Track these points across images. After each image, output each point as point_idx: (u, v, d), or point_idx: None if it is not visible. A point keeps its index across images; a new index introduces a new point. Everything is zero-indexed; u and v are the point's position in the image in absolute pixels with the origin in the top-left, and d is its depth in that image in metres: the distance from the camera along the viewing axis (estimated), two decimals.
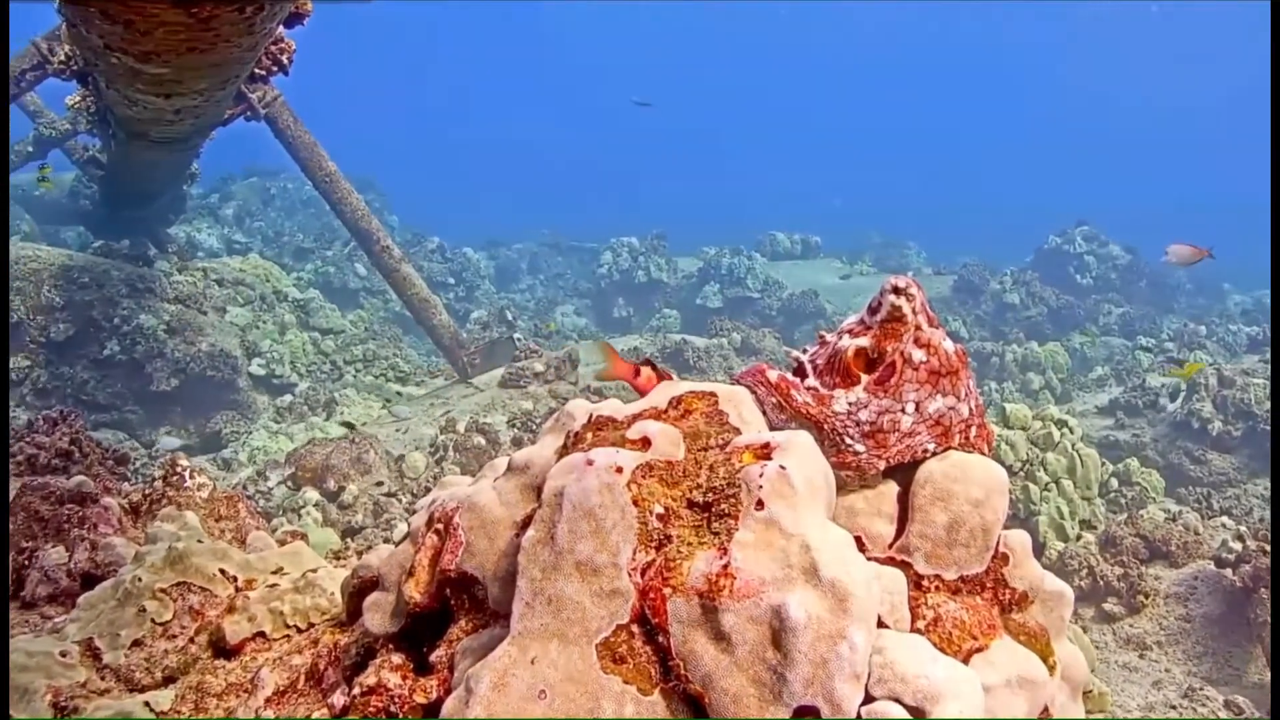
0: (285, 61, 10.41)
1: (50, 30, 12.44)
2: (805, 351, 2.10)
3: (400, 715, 1.92)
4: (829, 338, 2.05)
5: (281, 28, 9.10)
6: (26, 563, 4.34)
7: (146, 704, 2.61)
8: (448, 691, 1.78)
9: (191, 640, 2.87)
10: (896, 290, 1.94)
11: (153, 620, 2.90)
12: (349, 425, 13.45)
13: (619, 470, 1.71)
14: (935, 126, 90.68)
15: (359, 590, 2.37)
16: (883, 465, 1.93)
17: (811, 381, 2.00)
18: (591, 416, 2.00)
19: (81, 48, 7.53)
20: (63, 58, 11.55)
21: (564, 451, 1.94)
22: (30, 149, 17.71)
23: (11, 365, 14.67)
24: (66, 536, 4.43)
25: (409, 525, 2.32)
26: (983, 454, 1.99)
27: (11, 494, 5.04)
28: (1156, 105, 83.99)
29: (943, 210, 64.38)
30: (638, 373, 2.71)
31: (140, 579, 2.98)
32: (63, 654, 2.78)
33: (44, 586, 4.29)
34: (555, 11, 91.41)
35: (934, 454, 1.97)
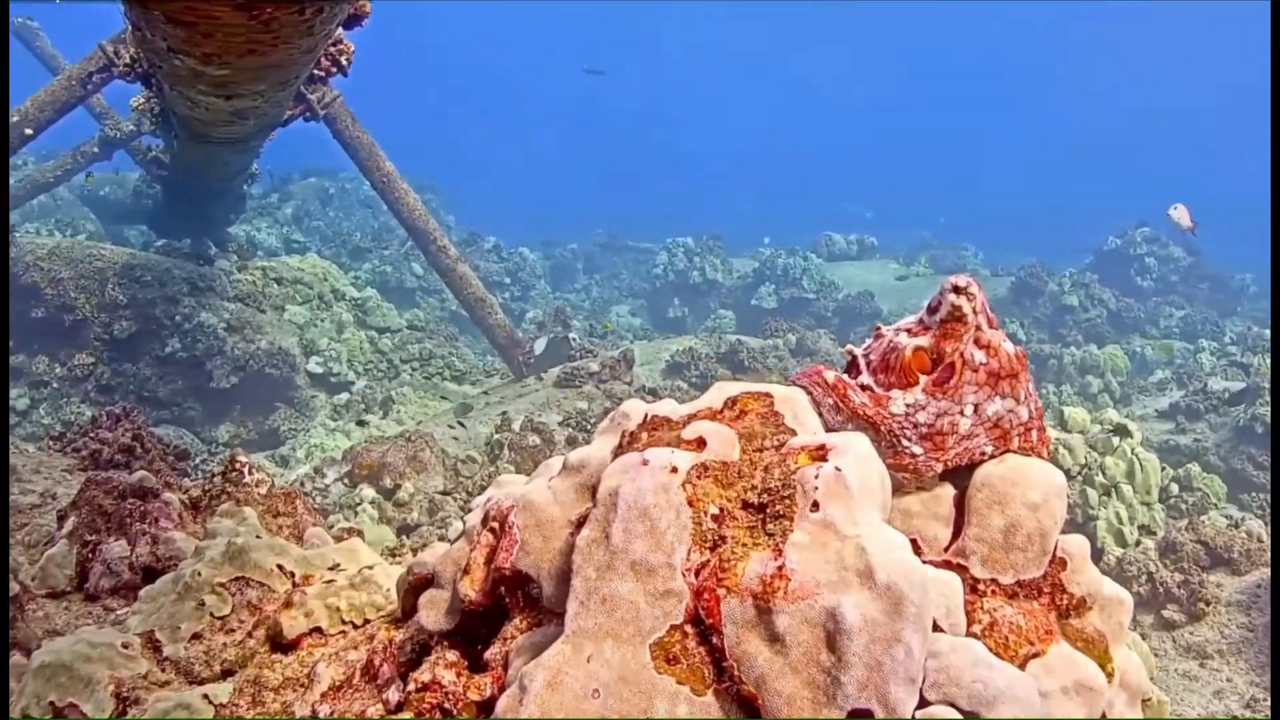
0: (344, 63, 10.50)
1: (116, 34, 12.64)
2: (861, 346, 2.09)
3: (454, 712, 1.93)
4: (886, 332, 2.03)
5: (340, 29, 9.17)
6: (90, 555, 4.40)
7: (205, 696, 2.64)
8: (502, 689, 1.79)
9: (249, 634, 2.90)
10: (957, 289, 1.91)
11: (212, 614, 2.93)
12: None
13: (674, 470, 1.70)
14: (997, 127, 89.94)
15: (414, 587, 2.38)
16: (940, 468, 1.92)
17: (865, 378, 1.98)
18: (647, 416, 2.00)
19: (145, 50, 7.63)
20: (128, 60, 11.72)
21: (619, 451, 1.94)
22: (96, 149, 17.99)
23: (76, 362, 14.90)
24: (128, 530, 4.49)
25: (464, 523, 2.33)
26: (1041, 458, 1.97)
27: (75, 488, 5.12)
28: (1222, 103, 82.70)
29: (1002, 212, 63.82)
30: None
31: (200, 573, 3.01)
32: (125, 645, 2.81)
33: (107, 579, 4.35)
34: (614, 11, 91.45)
35: (992, 457, 1.95)
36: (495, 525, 2.06)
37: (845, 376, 2.01)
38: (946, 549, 1.89)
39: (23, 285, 15.13)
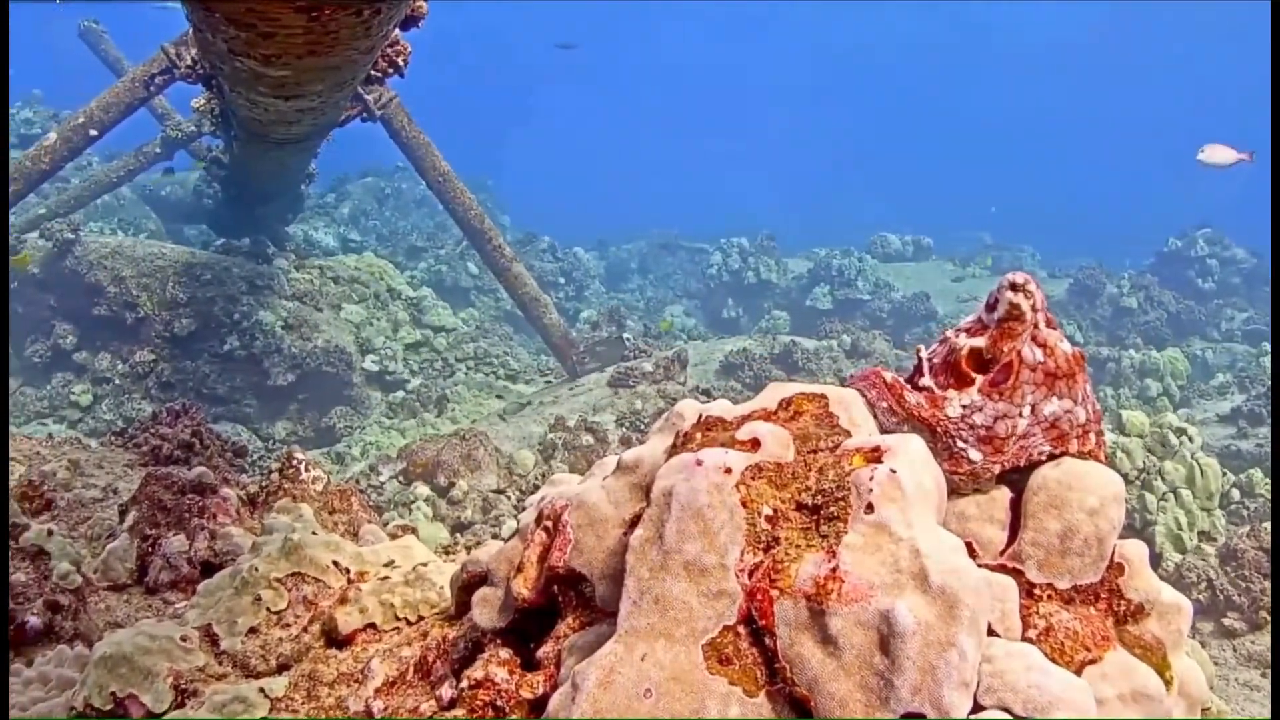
0: (401, 64, 10.57)
1: (178, 36, 12.81)
2: (928, 347, 2.08)
3: (507, 710, 1.94)
4: (949, 335, 2.02)
5: (398, 30, 9.24)
6: (150, 550, 4.47)
7: (261, 690, 2.67)
8: (554, 687, 1.79)
9: (305, 629, 2.92)
10: (1015, 287, 1.89)
11: (268, 609, 2.96)
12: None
13: (728, 471, 1.70)
14: (1056, 127, 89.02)
15: (468, 585, 2.39)
16: (997, 469, 1.90)
17: (926, 381, 1.97)
18: (701, 417, 2.00)
19: (207, 52, 7.73)
20: (189, 62, 11.89)
21: (673, 451, 1.94)
22: (158, 150, 18.24)
23: (138, 359, 15.12)
24: (187, 525, 4.55)
25: (518, 522, 2.34)
26: (1100, 460, 1.95)
27: (136, 483, 5.19)
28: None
29: (1060, 213, 63.15)
30: None
31: (257, 568, 3.05)
32: (183, 639, 2.85)
33: (166, 573, 4.41)
34: (667, 12, 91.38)
35: (1049, 458, 1.93)
36: (549, 524, 2.07)
37: (900, 378, 2.00)
38: (1002, 552, 1.87)
39: (87, 283, 15.39)
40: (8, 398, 4.46)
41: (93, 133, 13.69)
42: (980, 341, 1.91)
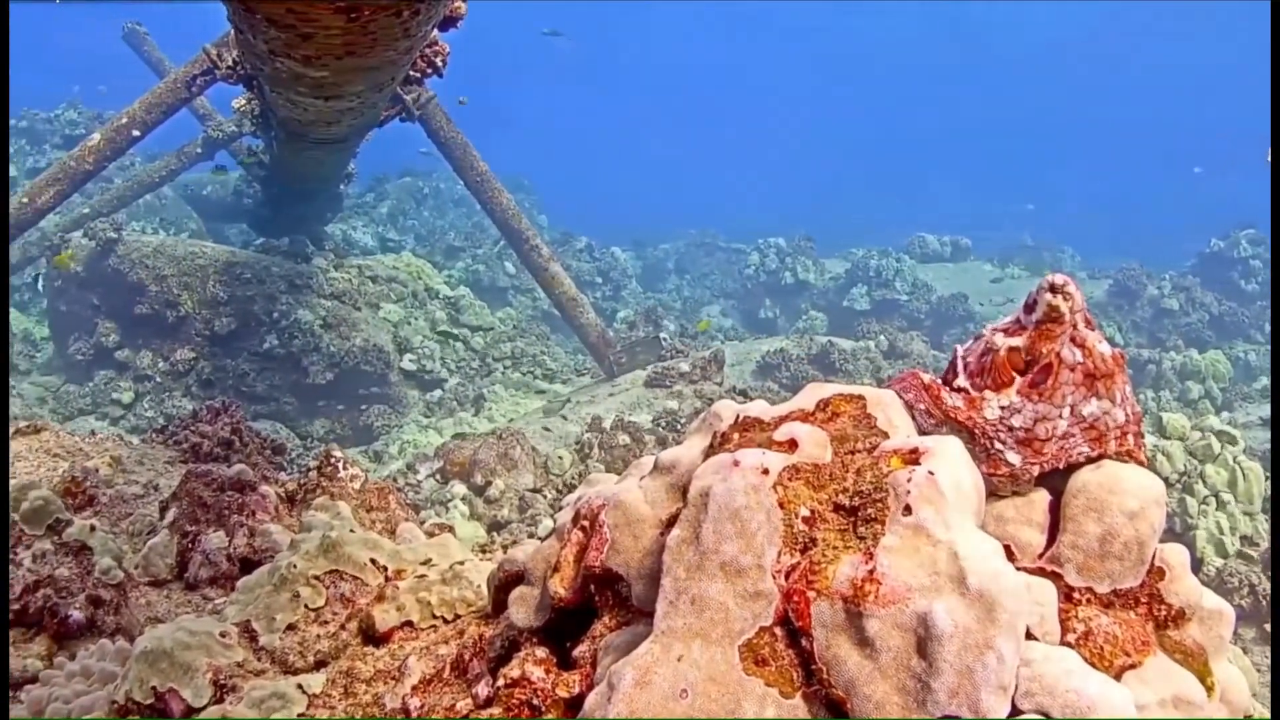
0: (440, 64, 10.62)
1: (219, 37, 12.91)
2: (963, 346, 2.06)
3: (543, 709, 1.94)
4: (985, 333, 2.01)
5: (436, 31, 9.28)
6: (190, 546, 4.51)
7: (299, 686, 2.69)
8: (590, 687, 1.80)
9: (342, 627, 2.94)
10: (1054, 289, 1.88)
11: (306, 606, 2.98)
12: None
13: (765, 472, 1.70)
14: (1097, 126, 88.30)
15: (504, 584, 2.40)
16: (1036, 471, 1.89)
17: (962, 381, 1.96)
18: (738, 417, 1.99)
19: (247, 53, 7.79)
20: (230, 63, 11.99)
21: (710, 452, 1.94)
22: (199, 150, 18.41)
23: (178, 357, 15.26)
24: (227, 522, 4.58)
25: (555, 521, 2.34)
26: (1139, 463, 1.93)
27: (177, 479, 5.24)
28: None
29: (1101, 214, 62.63)
30: None
31: (295, 565, 3.07)
32: (222, 634, 2.88)
33: (205, 569, 4.45)
34: (705, 12, 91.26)
35: (1088, 460, 1.91)
36: (586, 524, 2.08)
37: (939, 379, 1.99)
38: (1041, 555, 1.86)
39: (129, 282, 15.54)
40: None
41: (135, 133, 13.83)
42: (1018, 342, 1.90)
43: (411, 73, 10.53)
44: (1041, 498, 1.91)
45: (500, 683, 2.04)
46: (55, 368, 17.07)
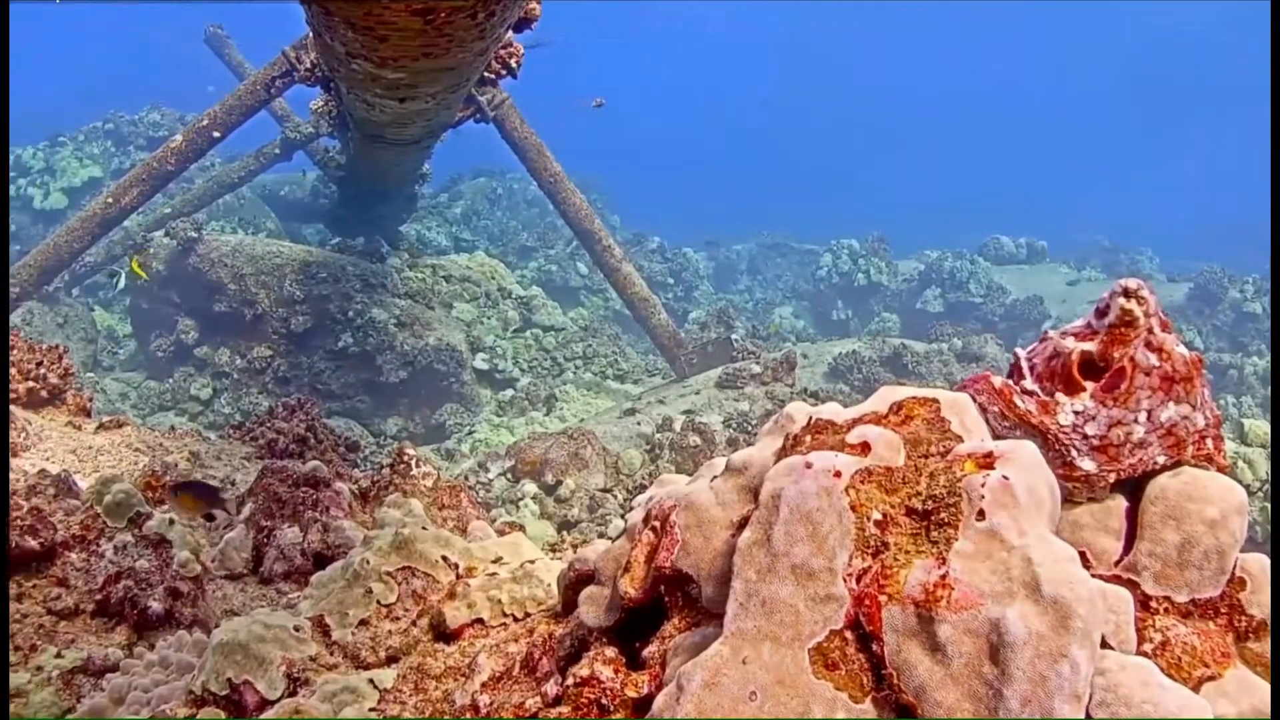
0: (514, 65, 10.69)
1: (297, 40, 13.10)
2: (1025, 348, 2.04)
3: (611, 708, 1.95)
4: (1051, 336, 1.98)
5: (510, 32, 9.33)
6: (265, 540, 4.57)
7: (371, 681, 2.71)
8: (659, 687, 1.80)
9: (414, 623, 2.97)
10: (1127, 293, 1.85)
11: (378, 602, 3.01)
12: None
13: (837, 474, 1.69)
14: (1176, 127, 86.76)
15: (574, 583, 2.41)
16: (1112, 479, 1.86)
17: (1029, 384, 1.93)
18: (811, 419, 1.98)
19: (325, 56, 7.89)
20: (308, 65, 12.15)
21: (782, 454, 1.94)
22: (277, 151, 18.66)
23: (255, 354, 15.49)
24: (301, 518, 4.64)
25: (625, 521, 2.35)
26: (1220, 469, 1.89)
27: (253, 474, 5.32)
28: None
29: (1181, 215, 61.53)
30: None
31: (368, 562, 3.10)
32: (296, 628, 2.91)
33: (280, 564, 4.51)
34: (782, 11, 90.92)
35: (1166, 467, 1.88)
36: (656, 524, 2.08)
37: (1011, 383, 1.97)
38: (1117, 563, 1.83)
39: (208, 281, 15.81)
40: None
41: (216, 134, 14.05)
42: (1090, 346, 1.87)
43: (486, 74, 10.61)
44: (1118, 504, 1.88)
45: (569, 681, 2.05)
46: (137, 364, 17.42)
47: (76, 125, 26.08)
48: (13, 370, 5.89)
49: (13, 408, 5.85)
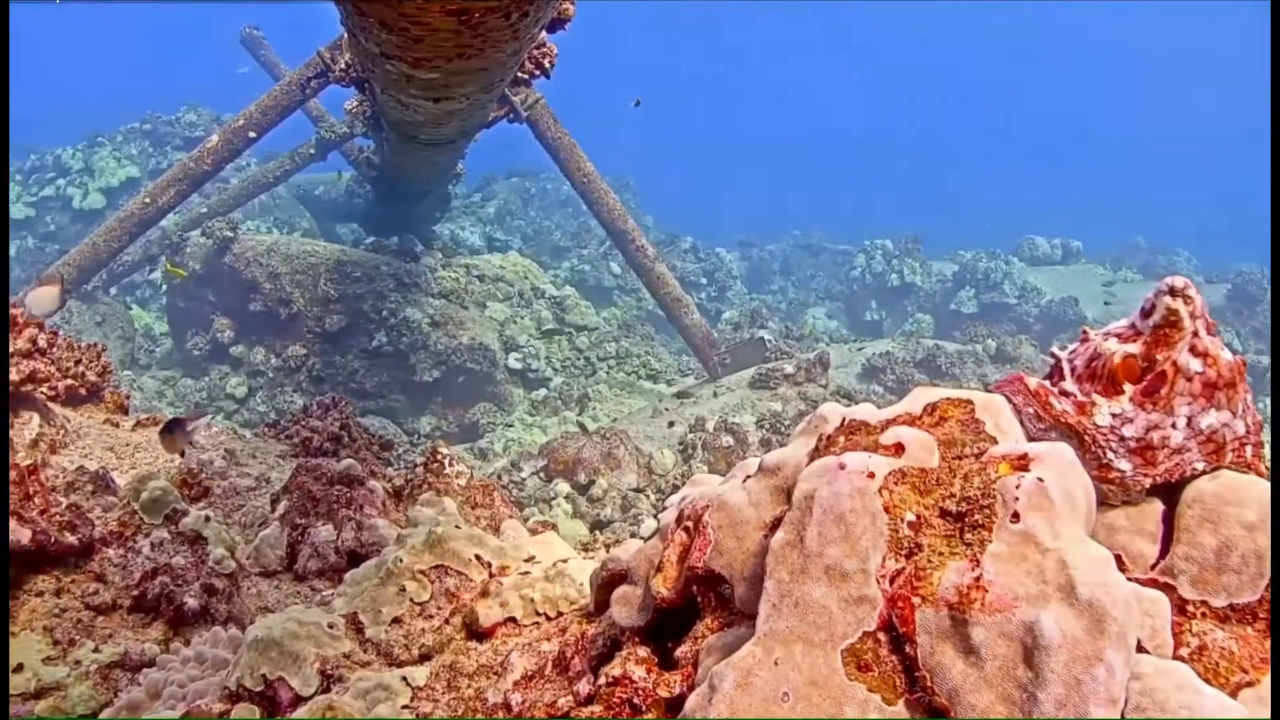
0: (547, 65, 10.70)
1: (332, 41, 13.17)
2: (1065, 349, 2.02)
3: (643, 708, 1.95)
4: (1093, 336, 1.96)
5: (544, 32, 9.35)
6: (299, 538, 4.60)
7: (404, 678, 2.73)
8: (691, 687, 1.80)
9: (447, 621, 2.98)
10: (1173, 292, 1.83)
11: (411, 600, 3.03)
12: (582, 426, 13.70)
13: (871, 475, 1.69)
14: (1214, 127, 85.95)
15: (607, 583, 2.41)
16: (1148, 483, 1.84)
17: (1069, 385, 1.92)
18: (844, 420, 1.98)
19: (360, 56, 7.93)
20: (343, 66, 12.21)
21: (815, 455, 1.93)
22: (312, 151, 18.76)
23: (290, 353, 15.59)
24: (335, 516, 4.67)
25: (658, 521, 2.35)
26: (1260, 475, 1.87)
27: (287, 473, 5.35)
28: None
29: (1220, 216, 60.95)
30: None
31: (401, 560, 3.11)
32: (330, 626, 2.93)
33: (314, 561, 4.54)
34: (813, 11, 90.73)
35: (1203, 473, 1.86)
36: (689, 524, 2.08)
37: (1048, 384, 1.96)
38: (1153, 567, 1.82)
39: (244, 280, 15.92)
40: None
41: (252, 134, 14.15)
42: (1134, 348, 1.85)
43: (520, 74, 10.63)
44: (1154, 508, 1.87)
45: (602, 681, 2.05)
46: (173, 362, 17.56)
47: (115, 126, 26.31)
48: (52, 367, 5.95)
49: (52, 404, 5.90)
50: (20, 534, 3.66)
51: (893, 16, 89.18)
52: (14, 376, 5.45)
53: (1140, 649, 1.59)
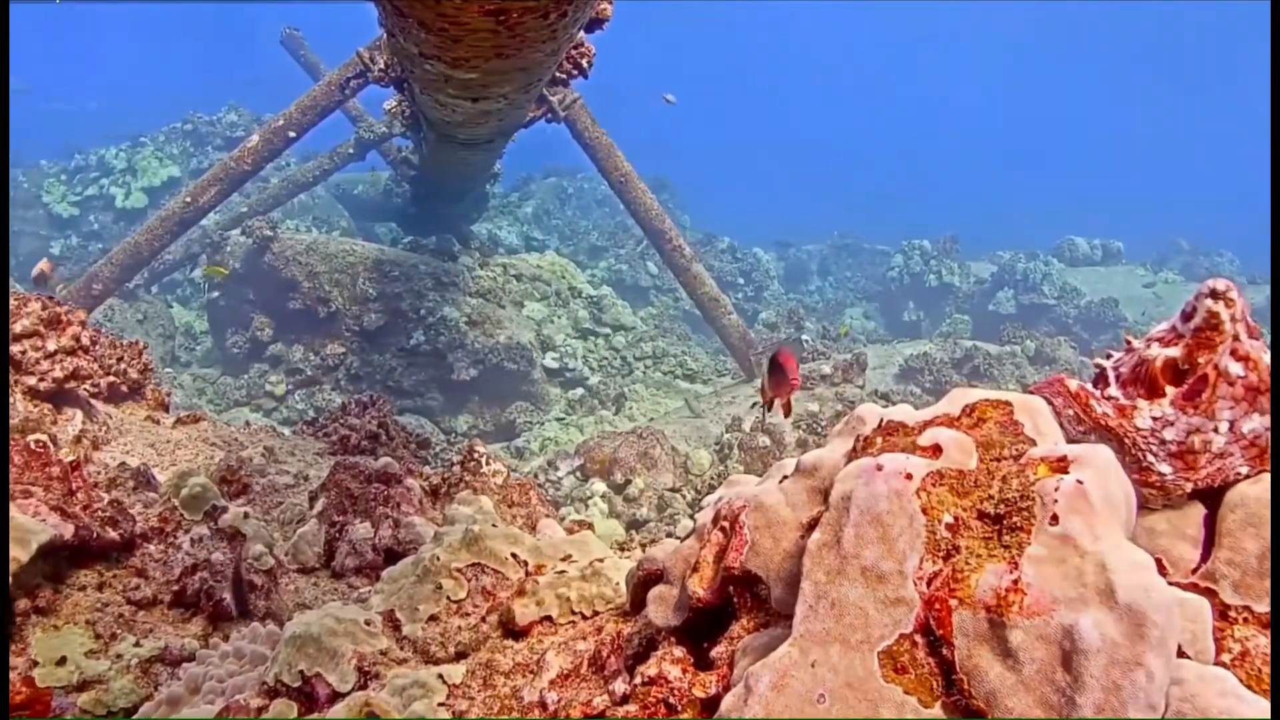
0: (585, 65, 10.72)
1: (372, 41, 13.25)
2: (1109, 357, 2.01)
3: (679, 708, 1.95)
4: (1136, 344, 1.95)
5: (581, 32, 9.37)
6: (337, 535, 4.63)
7: (440, 676, 2.73)
8: (727, 688, 1.80)
9: (483, 619, 2.99)
10: (1214, 294, 1.81)
11: (448, 598, 3.04)
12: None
13: (908, 477, 1.68)
14: (1260, 124, 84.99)
15: (643, 582, 2.41)
16: (1189, 487, 1.83)
17: (1113, 391, 1.90)
18: (882, 421, 1.97)
19: (399, 56, 7.97)
20: (382, 66, 12.28)
21: (853, 455, 1.93)
22: (351, 150, 18.89)
23: (328, 351, 15.69)
24: (373, 513, 4.70)
25: (694, 521, 2.35)
26: None
27: (325, 470, 5.38)
28: None
29: (1264, 216, 60.29)
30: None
31: (438, 558, 3.13)
32: (367, 623, 2.95)
33: (351, 558, 4.57)
34: (849, 11, 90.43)
35: (1247, 477, 1.84)
36: (726, 524, 2.08)
37: (1089, 386, 1.95)
38: (1194, 571, 1.80)
39: (283, 278, 16.03)
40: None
41: (291, 134, 14.26)
42: (1174, 352, 1.84)
43: (557, 74, 10.65)
44: (1196, 511, 1.85)
45: (637, 680, 2.06)
46: (213, 360, 17.71)
47: (158, 126, 26.56)
48: (95, 365, 6.01)
49: (94, 401, 5.97)
50: (64, 529, 3.70)
51: (933, 18, 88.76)
52: (58, 373, 5.51)
53: (1181, 654, 1.58)
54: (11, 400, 5.05)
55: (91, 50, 78.63)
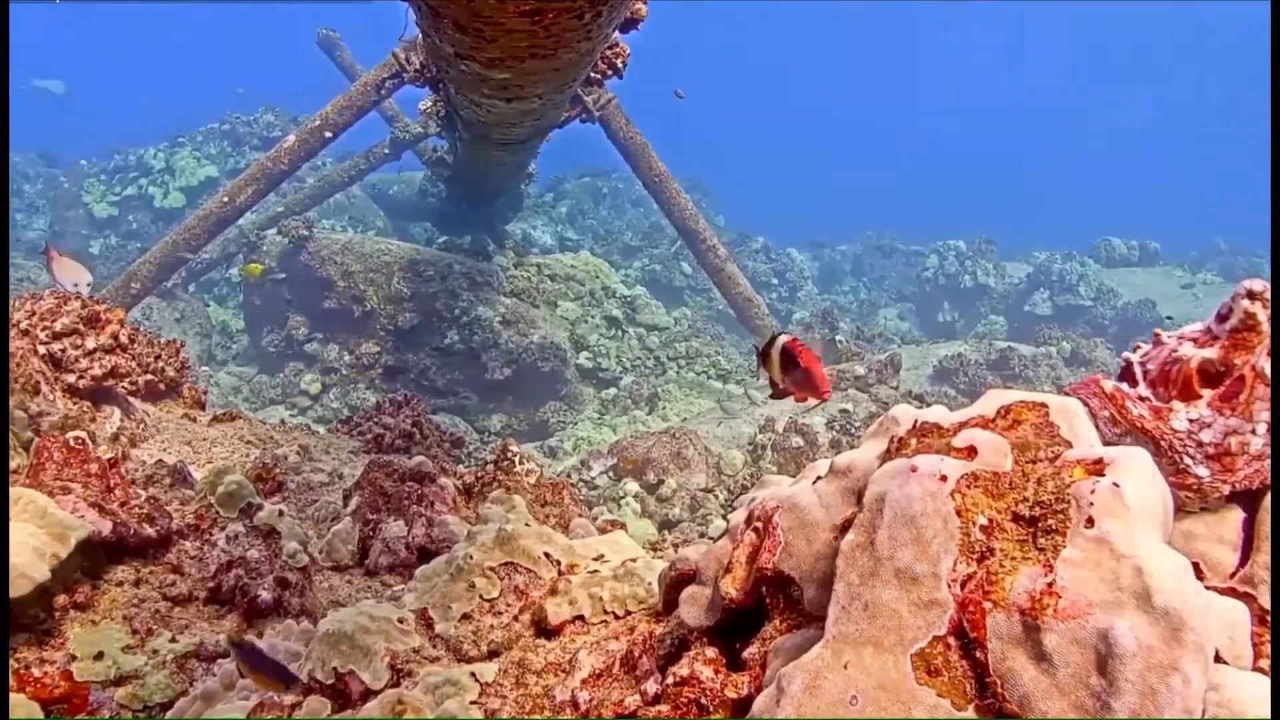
0: (620, 65, 10.73)
1: (407, 42, 13.29)
2: (1136, 350, 1.99)
3: (711, 708, 1.95)
4: (1167, 339, 1.93)
5: (617, 33, 9.37)
6: (371, 534, 4.65)
7: (473, 674, 2.74)
8: (759, 689, 1.80)
9: (515, 618, 3.00)
10: (1251, 295, 1.79)
11: (481, 596, 3.05)
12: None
13: (943, 479, 1.67)
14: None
15: (676, 582, 2.41)
16: (1227, 490, 1.81)
17: (1142, 389, 1.89)
18: (916, 422, 1.96)
19: (434, 57, 8.00)
20: (417, 66, 12.33)
21: (887, 456, 1.92)
22: (386, 150, 18.96)
23: (363, 350, 15.76)
24: (406, 512, 4.72)
25: (728, 522, 2.35)
26: None
27: (360, 469, 5.41)
28: None
29: None
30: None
31: (471, 556, 3.14)
32: (400, 621, 2.96)
33: (385, 556, 4.59)
34: (888, 11, 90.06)
35: None
36: (759, 525, 2.07)
37: (1124, 387, 1.93)
38: (1232, 575, 1.78)
39: (319, 277, 16.12)
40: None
41: (327, 134, 14.33)
42: (1210, 353, 1.82)
43: (592, 74, 10.66)
44: (1234, 515, 1.83)
45: (669, 680, 2.06)
46: (249, 358, 17.83)
47: (195, 126, 26.76)
48: (133, 363, 6.07)
49: (132, 399, 6.02)
50: (102, 525, 3.73)
51: (964, 22, 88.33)
52: (96, 371, 5.56)
53: (1218, 659, 1.56)
54: (51, 398, 5.10)
55: (139, 49, 79.40)
